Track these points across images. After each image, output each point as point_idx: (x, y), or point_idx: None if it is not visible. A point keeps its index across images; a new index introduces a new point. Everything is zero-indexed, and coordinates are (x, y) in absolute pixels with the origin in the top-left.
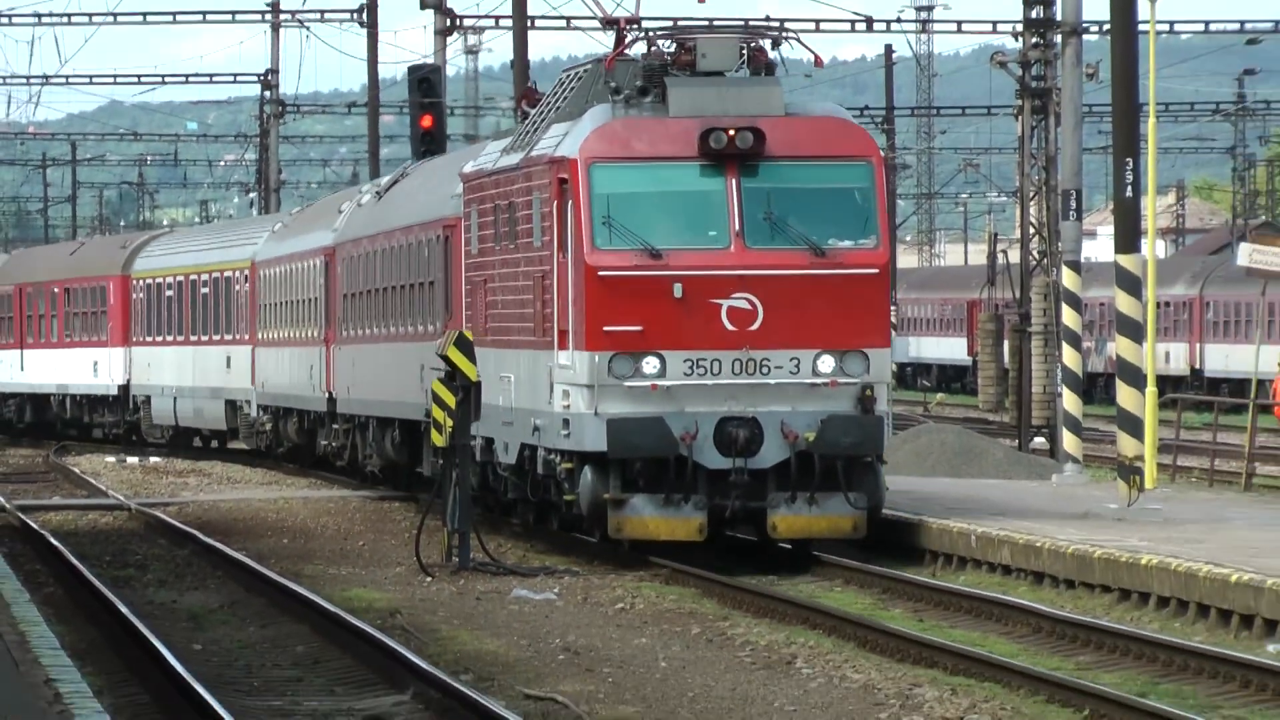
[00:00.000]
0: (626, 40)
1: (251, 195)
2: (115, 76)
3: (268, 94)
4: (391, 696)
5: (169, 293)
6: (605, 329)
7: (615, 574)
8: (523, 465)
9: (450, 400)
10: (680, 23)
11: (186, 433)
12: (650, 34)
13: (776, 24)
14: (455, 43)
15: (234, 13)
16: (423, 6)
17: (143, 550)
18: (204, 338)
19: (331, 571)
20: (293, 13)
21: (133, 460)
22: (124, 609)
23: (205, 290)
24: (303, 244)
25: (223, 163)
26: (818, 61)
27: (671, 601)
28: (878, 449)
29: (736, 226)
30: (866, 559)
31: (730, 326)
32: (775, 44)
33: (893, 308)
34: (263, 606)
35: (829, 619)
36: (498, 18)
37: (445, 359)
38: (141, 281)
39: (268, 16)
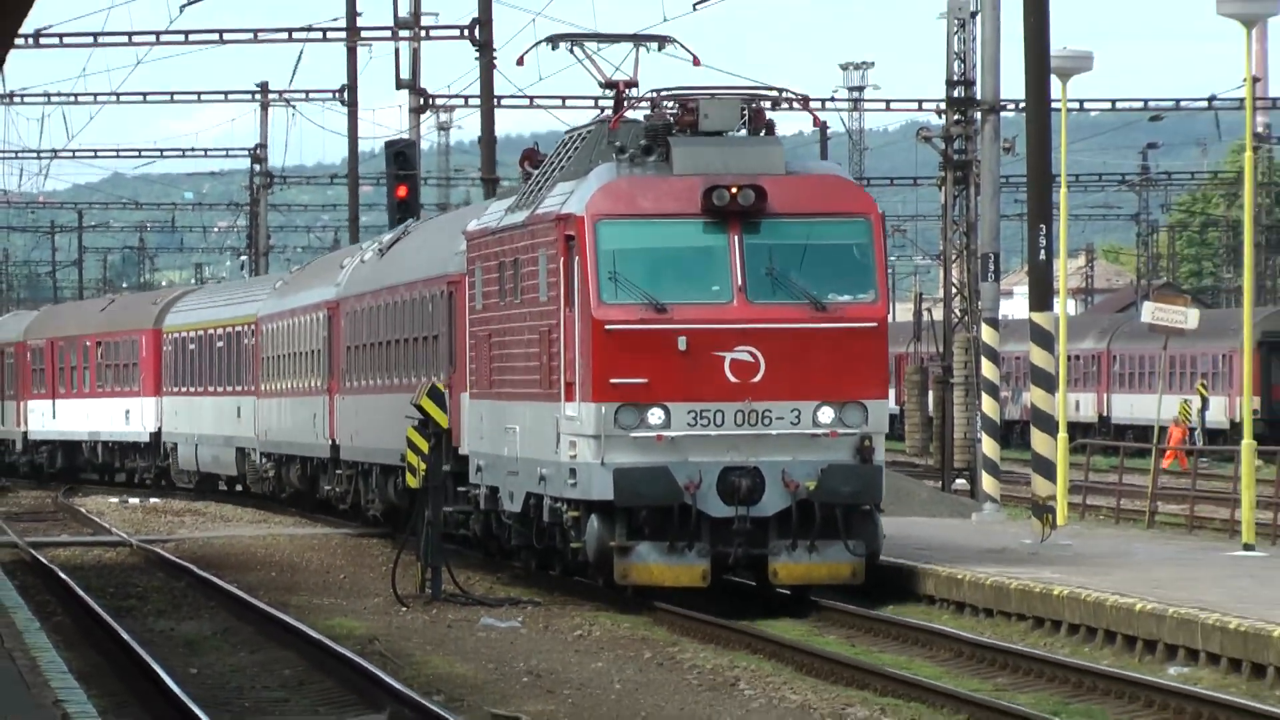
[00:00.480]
0: (627, 102)
1: (243, 258)
2: (118, 151)
3: (257, 166)
4: (370, 716)
5: (192, 346)
6: (611, 381)
7: (574, 604)
8: (527, 513)
9: (423, 446)
10: (680, 88)
11: (211, 477)
12: (655, 94)
13: (776, 88)
14: (428, 119)
15: (226, 93)
16: (398, 86)
17: (143, 582)
18: (219, 389)
19: (315, 602)
20: (280, 92)
21: (134, 501)
22: (126, 636)
23: (220, 344)
24: (305, 299)
25: (216, 229)
26: (816, 122)
27: (626, 629)
28: (876, 498)
29: (739, 281)
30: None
31: (733, 378)
32: (774, 105)
33: None
34: (252, 634)
35: (769, 644)
36: (466, 97)
37: (419, 408)
38: (171, 335)
39: (257, 96)
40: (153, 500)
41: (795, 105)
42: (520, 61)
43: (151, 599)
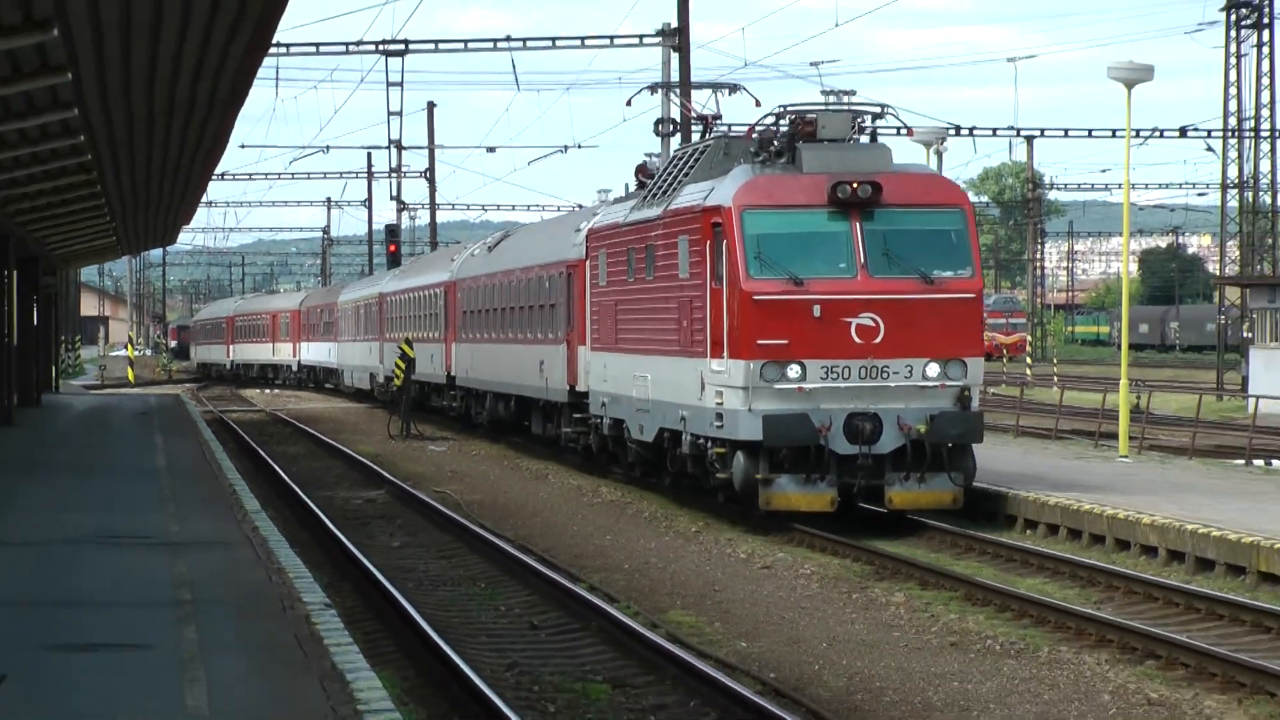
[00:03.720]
0: (761, 118)
1: (317, 280)
2: (266, 228)
3: (325, 236)
4: (377, 490)
5: (350, 312)
6: (758, 342)
7: (474, 440)
8: (660, 444)
9: (402, 365)
10: (800, 104)
11: (361, 391)
12: (783, 109)
13: (879, 104)
14: (406, 211)
15: (299, 201)
16: (391, 198)
17: (270, 428)
18: (362, 337)
19: (349, 437)
20: (337, 202)
21: (269, 391)
22: (262, 453)
23: (361, 311)
24: (423, 281)
25: (305, 265)
26: (909, 132)
27: (497, 450)
28: (978, 438)
29: (861, 260)
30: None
31: (858, 340)
32: (876, 118)
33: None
34: (320, 451)
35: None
36: (422, 204)
37: (405, 344)
38: (341, 307)
39: (326, 203)
40: (276, 390)
41: (890, 118)
42: (629, 103)
43: (273, 436)
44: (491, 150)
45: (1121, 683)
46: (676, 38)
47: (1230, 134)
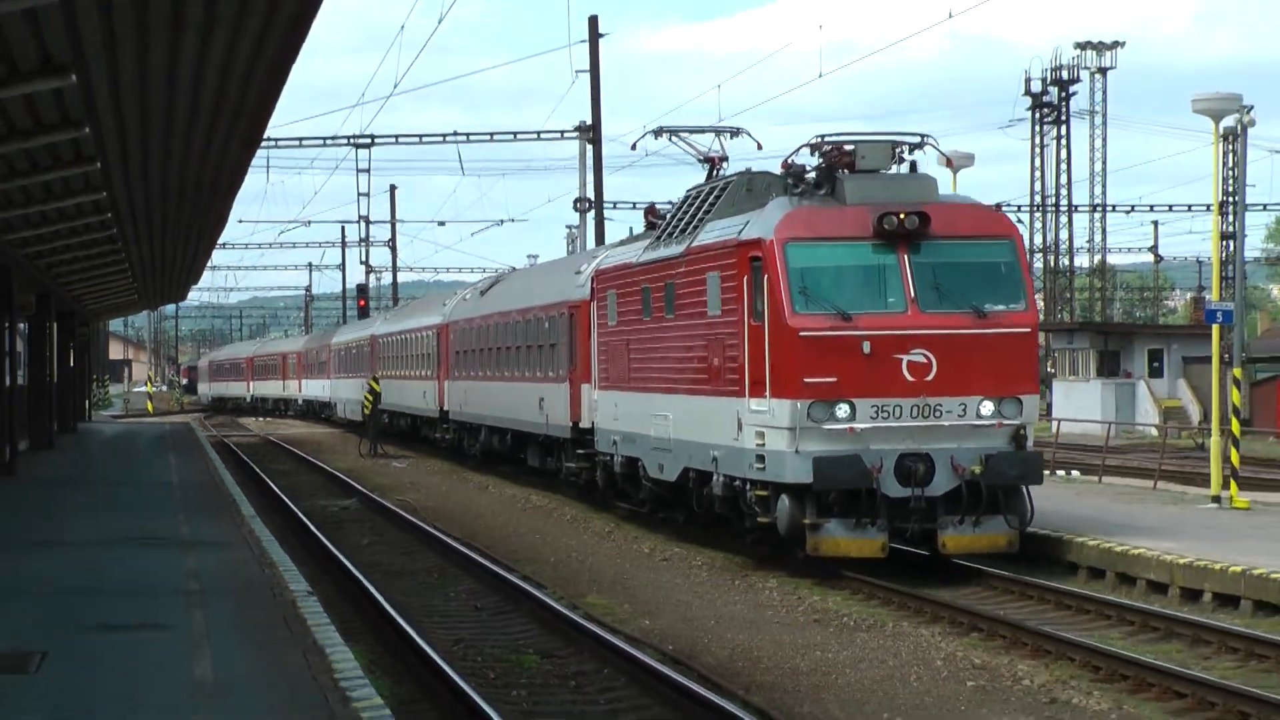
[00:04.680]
0: (796, 149)
1: (301, 329)
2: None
3: (308, 294)
4: (350, 499)
5: (342, 352)
6: (805, 380)
7: (433, 459)
8: (683, 484)
9: (370, 397)
10: (838, 134)
11: (351, 421)
12: (820, 139)
13: (920, 134)
14: (372, 273)
15: (286, 266)
16: (360, 263)
17: (263, 449)
18: (355, 374)
19: (328, 456)
20: (316, 265)
21: (259, 419)
22: (256, 469)
23: (354, 351)
24: (415, 324)
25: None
26: (948, 163)
27: (448, 467)
28: (1037, 479)
29: (911, 294)
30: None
31: (909, 377)
32: (915, 148)
33: None
34: (304, 468)
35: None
36: (388, 268)
37: (374, 381)
38: (332, 349)
39: (307, 267)
40: (267, 417)
41: (931, 147)
42: (634, 147)
43: (265, 456)
44: (442, 224)
45: (951, 651)
46: (591, 133)
47: (1035, 209)
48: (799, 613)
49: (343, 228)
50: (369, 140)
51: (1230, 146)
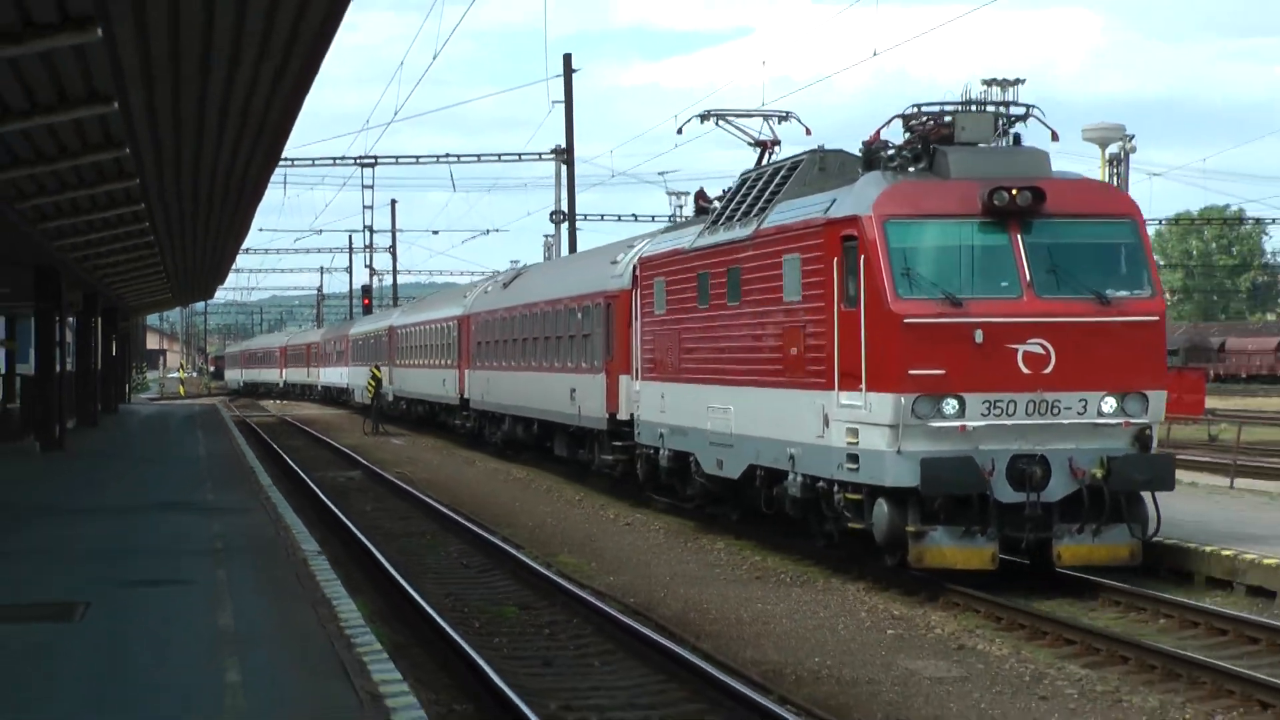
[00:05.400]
0: (888, 120)
1: (314, 324)
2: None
3: (319, 293)
4: (355, 471)
5: (361, 342)
6: (910, 372)
7: (424, 435)
8: (747, 481)
9: (373, 383)
10: (934, 103)
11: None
12: (915, 108)
13: (1025, 105)
14: (375, 276)
15: (300, 269)
16: (365, 266)
17: (280, 428)
18: (372, 363)
19: (336, 434)
20: (326, 269)
21: (278, 402)
22: (274, 445)
23: (373, 341)
24: (434, 315)
25: (306, 315)
26: (1054, 137)
27: (440, 443)
28: (1169, 484)
29: (1027, 277)
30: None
31: (1025, 370)
32: (1019, 120)
33: None
34: (315, 444)
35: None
36: (389, 271)
37: (375, 369)
38: (352, 338)
39: (319, 270)
40: (289, 401)
41: (1036, 119)
42: (680, 131)
43: (281, 433)
44: (436, 233)
45: (874, 604)
46: (565, 155)
47: None
48: (742, 571)
49: (350, 236)
50: (373, 160)
51: (1115, 170)
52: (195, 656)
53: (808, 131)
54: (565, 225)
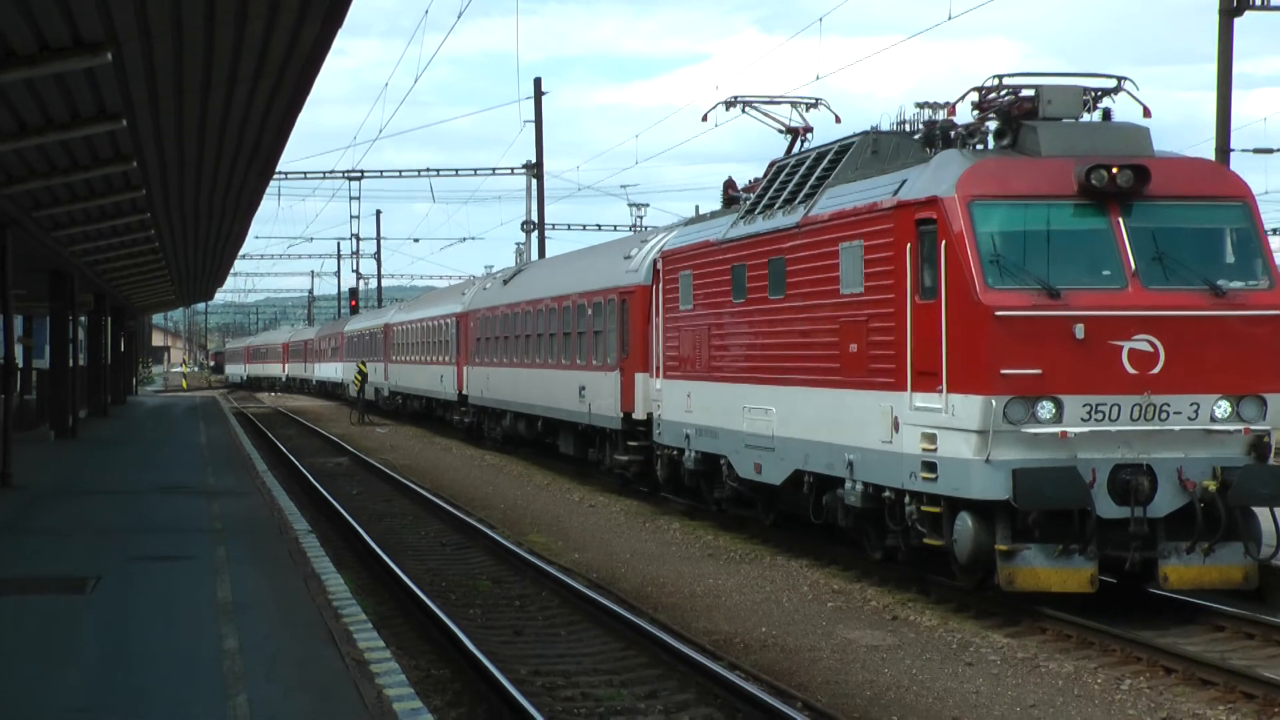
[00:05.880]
0: (966, 92)
1: (305, 323)
2: (263, 291)
3: (310, 295)
4: (343, 457)
5: (356, 339)
6: (1003, 372)
7: (408, 425)
8: (795, 487)
9: (359, 377)
10: (1017, 73)
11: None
12: (996, 79)
13: (1116, 77)
14: (361, 279)
15: (292, 273)
16: (352, 270)
17: (274, 418)
18: (370, 359)
19: (326, 424)
20: (317, 273)
21: (272, 394)
22: (269, 435)
23: (367, 338)
24: (431, 312)
25: (298, 315)
26: (1146, 113)
27: (420, 432)
28: None
29: (1131, 266)
30: None
31: (1131, 370)
32: (1109, 93)
33: None
34: (306, 432)
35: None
36: (374, 275)
37: (362, 364)
38: (347, 336)
39: (310, 274)
40: (276, 393)
41: (1127, 93)
42: (705, 118)
43: (275, 423)
44: (416, 240)
45: (815, 579)
46: (535, 170)
47: None
48: (696, 549)
49: (338, 243)
50: (359, 174)
51: None
52: (197, 625)
53: (837, 119)
54: (535, 234)
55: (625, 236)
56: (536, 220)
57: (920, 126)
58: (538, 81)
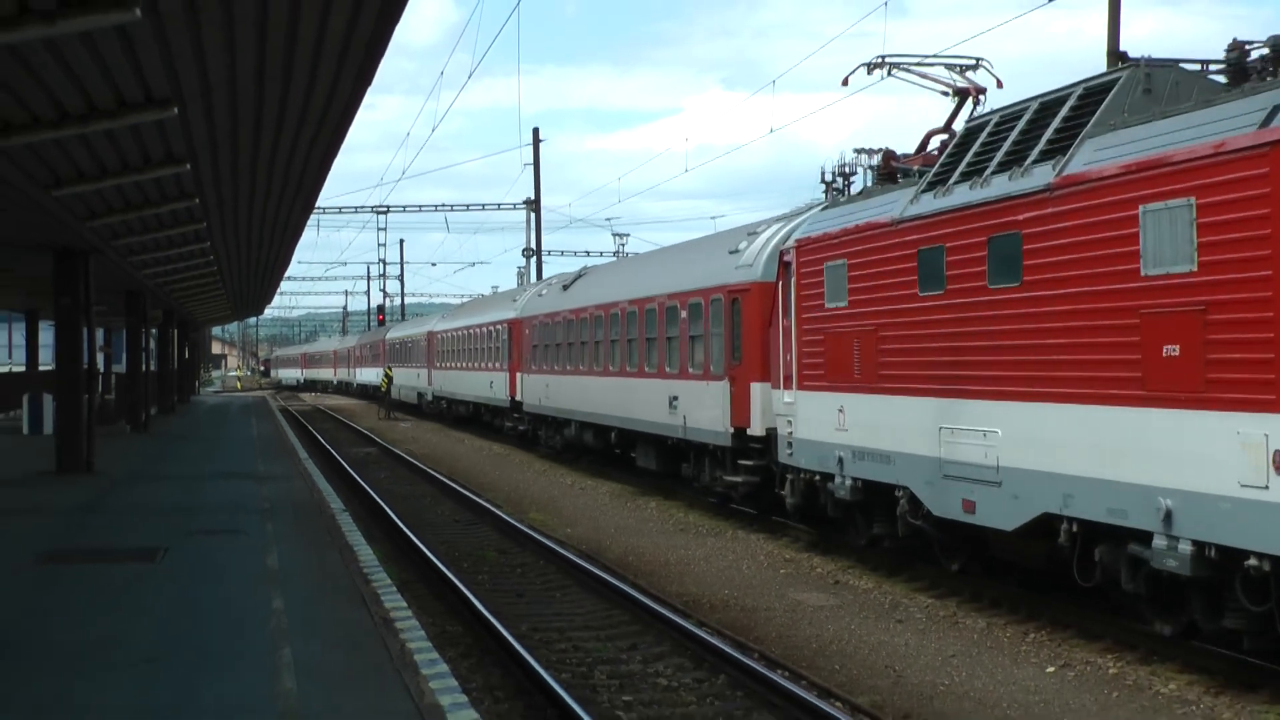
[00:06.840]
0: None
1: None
2: (304, 307)
3: (344, 310)
4: (372, 447)
5: (398, 345)
6: None
7: (428, 421)
8: (1040, 532)
9: (386, 380)
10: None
11: (408, 404)
12: None
13: None
14: (387, 298)
15: (329, 292)
16: (380, 290)
17: (313, 414)
18: (412, 365)
19: (358, 419)
20: (350, 292)
21: (312, 394)
22: (310, 429)
23: (410, 345)
24: (480, 320)
25: (334, 328)
26: None
27: (436, 427)
28: None
29: None
30: None
31: None
32: None
33: None
34: (341, 425)
35: None
36: (398, 294)
37: (388, 369)
38: (388, 343)
39: (344, 293)
40: (321, 394)
41: None
42: (845, 82)
43: (315, 418)
44: (434, 264)
45: (770, 550)
46: (533, 205)
47: None
48: (669, 525)
49: (368, 267)
50: (385, 209)
51: None
52: (249, 588)
53: (999, 84)
54: (534, 259)
55: (728, 230)
56: (535, 248)
57: (1225, 57)
58: (536, 131)
